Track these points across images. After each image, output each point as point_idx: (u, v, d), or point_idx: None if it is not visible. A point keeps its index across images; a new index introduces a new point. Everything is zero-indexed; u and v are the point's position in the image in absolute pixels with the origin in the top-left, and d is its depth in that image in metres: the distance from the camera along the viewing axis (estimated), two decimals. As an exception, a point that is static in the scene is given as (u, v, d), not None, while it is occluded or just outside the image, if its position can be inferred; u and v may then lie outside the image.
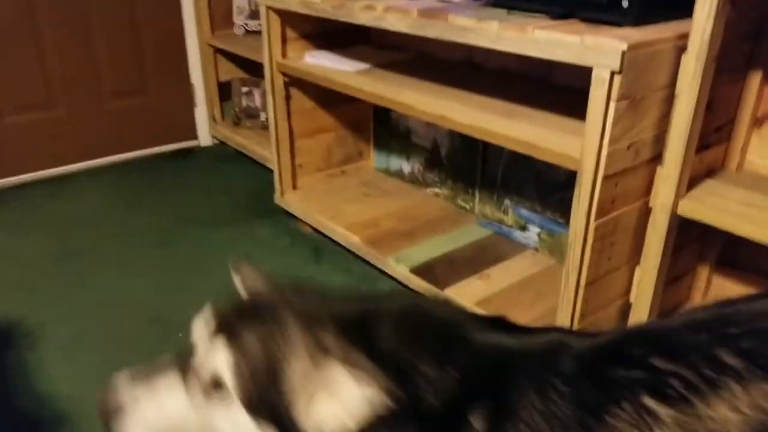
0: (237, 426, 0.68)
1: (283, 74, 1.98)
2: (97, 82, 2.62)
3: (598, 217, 1.22)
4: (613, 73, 1.06)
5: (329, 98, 2.09)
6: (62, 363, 1.53)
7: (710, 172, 1.37)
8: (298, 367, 0.67)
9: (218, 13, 2.82)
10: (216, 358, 0.69)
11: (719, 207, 1.22)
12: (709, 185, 1.32)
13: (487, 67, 1.82)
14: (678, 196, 1.24)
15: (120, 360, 1.52)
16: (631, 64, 1.05)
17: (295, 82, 2.00)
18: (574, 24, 1.20)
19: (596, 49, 1.07)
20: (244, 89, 2.88)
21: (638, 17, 1.15)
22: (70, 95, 2.57)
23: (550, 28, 1.15)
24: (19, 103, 2.48)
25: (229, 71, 2.93)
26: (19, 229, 2.23)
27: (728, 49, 1.16)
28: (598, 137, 1.13)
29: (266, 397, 0.67)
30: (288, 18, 1.90)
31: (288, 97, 2.03)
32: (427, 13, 1.37)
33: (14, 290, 1.84)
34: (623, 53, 1.03)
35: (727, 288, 1.54)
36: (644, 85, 1.13)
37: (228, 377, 0.67)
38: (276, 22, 1.90)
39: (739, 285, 1.52)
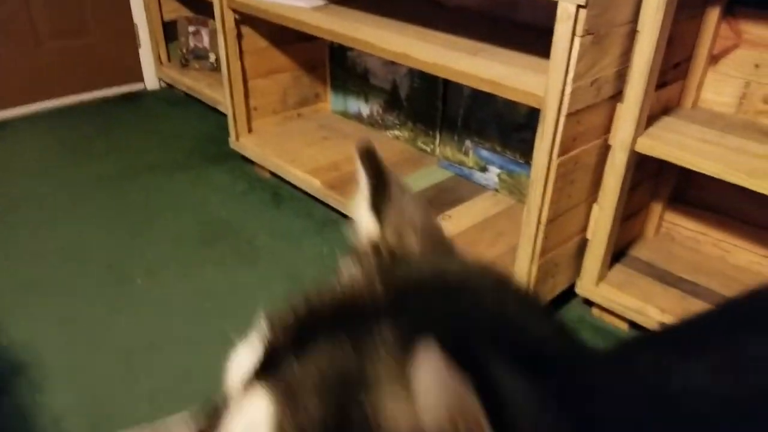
0: None
1: (234, 11, 1.88)
2: (31, 22, 2.44)
3: (560, 154, 1.23)
4: (578, 7, 1.04)
5: (283, 36, 2.01)
6: (14, 312, 1.48)
7: (667, 110, 1.40)
8: None
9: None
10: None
11: (676, 143, 1.25)
12: (666, 122, 1.35)
13: (448, 5, 1.78)
14: (637, 133, 1.26)
15: (79, 305, 1.49)
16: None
17: (247, 19, 1.91)
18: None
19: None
20: (191, 29, 2.73)
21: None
22: (3, 36, 2.38)
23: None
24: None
25: (174, 10, 2.77)
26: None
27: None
28: (562, 74, 1.12)
29: None
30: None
31: (240, 36, 1.94)
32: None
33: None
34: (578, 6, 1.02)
35: (678, 223, 1.60)
36: (608, 20, 1.13)
37: None
38: (224, -46, 1.79)
39: (690, 221, 1.58)
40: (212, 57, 2.69)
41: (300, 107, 2.24)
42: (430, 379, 0.30)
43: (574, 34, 1.08)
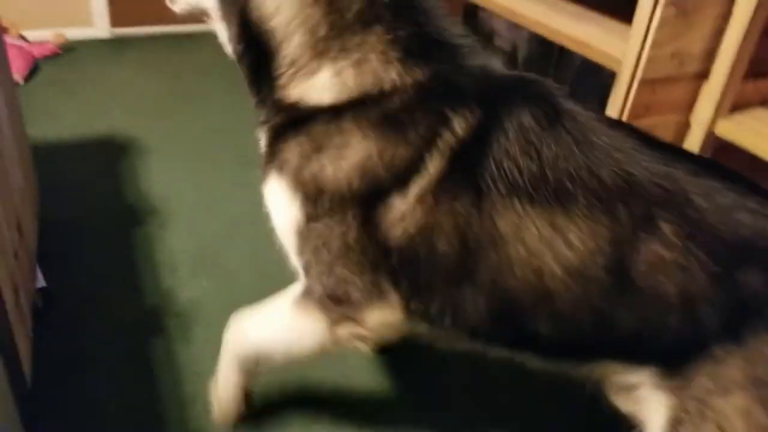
0: None
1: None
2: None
3: (629, 119, 1.30)
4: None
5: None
6: (165, 171, 1.88)
7: (766, 102, 1.39)
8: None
9: None
10: None
11: (761, 133, 1.26)
12: (758, 113, 1.35)
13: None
14: (718, 115, 1.29)
15: (210, 179, 1.84)
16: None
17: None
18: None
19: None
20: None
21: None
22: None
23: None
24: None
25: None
26: (145, 69, 2.60)
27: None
28: (640, 39, 1.20)
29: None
30: None
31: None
32: None
33: (135, 115, 2.21)
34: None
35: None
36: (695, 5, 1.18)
37: None
38: None
39: None
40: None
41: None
42: None
43: (656, 3, 1.15)
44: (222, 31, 0.96)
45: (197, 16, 1.01)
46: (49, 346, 1.26)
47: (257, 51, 0.89)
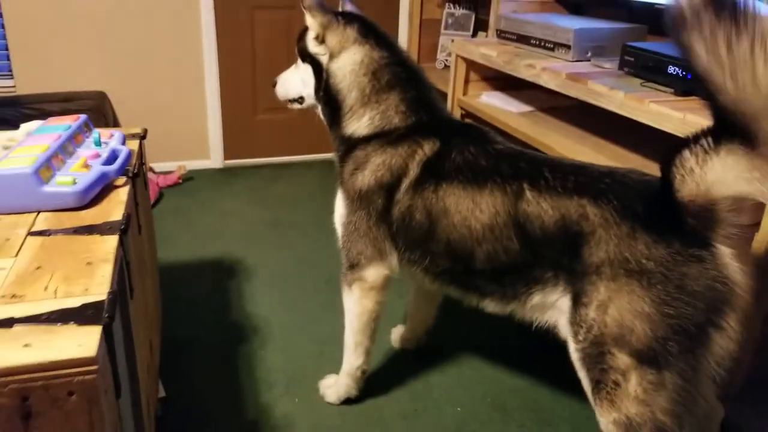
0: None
1: (461, 108, 2.40)
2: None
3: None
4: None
5: (497, 132, 2.46)
6: (265, 292, 2.15)
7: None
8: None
9: (425, 48, 3.36)
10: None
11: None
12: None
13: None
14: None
15: (303, 301, 2.08)
16: (719, 140, 1.27)
17: (470, 114, 2.41)
18: (691, 101, 1.43)
19: (692, 124, 1.31)
20: (436, 113, 3.36)
21: (745, 102, 1.34)
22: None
23: (662, 103, 1.41)
24: (269, 105, 3.27)
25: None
26: (250, 198, 2.98)
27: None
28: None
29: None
30: (472, 64, 2.32)
31: (463, 127, 2.46)
32: (572, 77, 1.69)
33: (240, 239, 2.54)
34: (711, 131, 1.26)
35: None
36: (738, 159, 1.33)
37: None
38: (462, 66, 2.34)
39: None
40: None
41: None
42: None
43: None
44: (314, 102, 1.57)
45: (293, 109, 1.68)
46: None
47: (332, 106, 1.50)
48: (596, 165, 1.28)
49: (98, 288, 0.91)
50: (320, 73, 1.50)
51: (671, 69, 1.49)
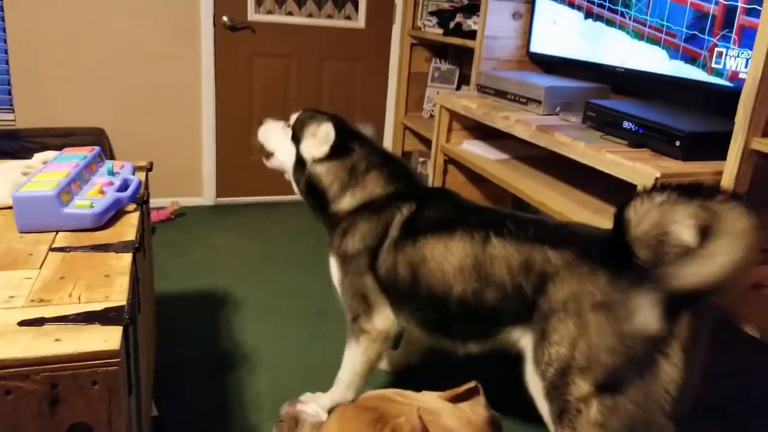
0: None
1: (444, 154, 2.59)
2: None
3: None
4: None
5: (477, 176, 2.64)
6: (254, 323, 2.25)
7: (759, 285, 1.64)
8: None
9: (413, 99, 3.58)
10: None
11: None
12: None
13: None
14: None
15: (292, 331, 2.19)
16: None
17: (452, 161, 2.60)
18: (642, 152, 1.62)
19: (640, 172, 1.49)
20: (421, 159, 3.56)
21: (687, 153, 1.53)
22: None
23: (616, 153, 1.59)
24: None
25: (413, 144, 3.66)
26: (241, 234, 3.11)
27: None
28: (640, 236, 1.52)
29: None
30: (455, 114, 2.52)
31: (445, 171, 2.63)
32: (541, 128, 1.88)
33: (232, 273, 2.65)
34: (656, 179, 1.44)
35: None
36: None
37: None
38: (446, 116, 2.54)
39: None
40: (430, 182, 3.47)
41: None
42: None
43: (649, 209, 1.48)
44: (295, 183, 1.76)
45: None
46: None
47: (314, 193, 1.68)
48: (552, 219, 1.45)
49: (117, 296, 1.03)
50: (302, 165, 1.69)
51: (626, 124, 1.68)
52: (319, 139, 1.64)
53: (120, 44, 3.09)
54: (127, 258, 1.18)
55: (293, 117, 1.75)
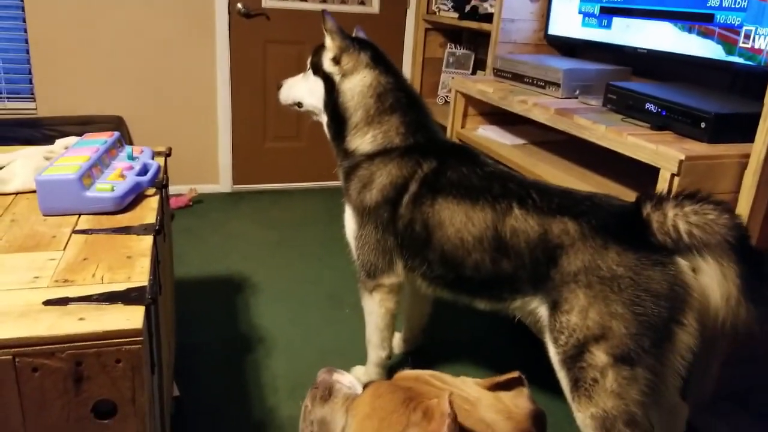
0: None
1: (460, 140, 2.56)
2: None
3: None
4: (673, 175, 1.44)
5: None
6: (270, 307, 2.27)
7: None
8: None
9: (427, 85, 3.56)
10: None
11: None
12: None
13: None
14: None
15: (306, 315, 2.20)
16: (688, 170, 1.42)
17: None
18: (666, 135, 1.59)
19: (664, 155, 1.46)
20: (436, 146, 3.54)
21: (713, 136, 1.50)
22: (312, 132, 3.47)
23: (639, 136, 1.57)
24: (278, 134, 3.45)
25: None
26: (257, 221, 3.12)
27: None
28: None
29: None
30: (470, 99, 2.50)
31: (461, 157, 2.61)
32: (560, 112, 1.85)
33: (248, 259, 2.67)
34: (680, 161, 1.41)
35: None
36: (706, 188, 1.47)
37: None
38: (461, 101, 2.51)
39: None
40: (445, 169, 3.45)
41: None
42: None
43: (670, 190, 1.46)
44: (322, 114, 1.72)
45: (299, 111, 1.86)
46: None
47: (338, 121, 1.65)
48: (579, 190, 1.44)
49: (139, 276, 1.04)
50: (331, 89, 1.66)
51: (648, 106, 1.65)
52: (332, 39, 1.65)
53: (136, 33, 3.10)
54: (147, 240, 1.19)
55: (309, 59, 1.77)
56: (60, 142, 1.66)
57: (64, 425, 0.91)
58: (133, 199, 1.35)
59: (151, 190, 1.42)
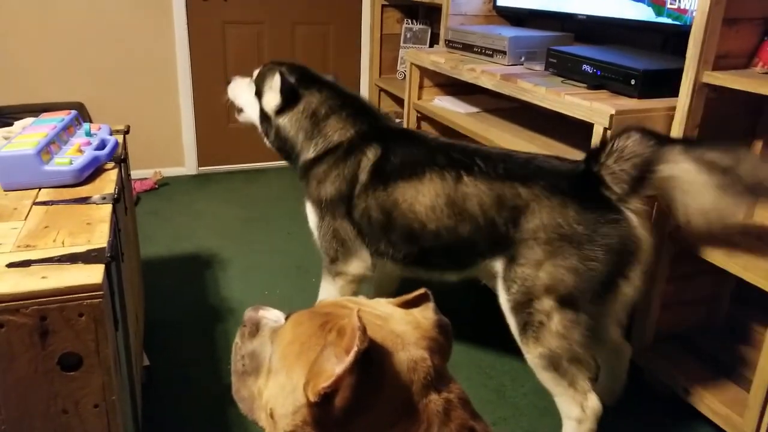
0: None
1: (417, 111, 2.64)
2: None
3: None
4: (605, 129, 1.54)
5: (449, 131, 2.69)
6: (240, 280, 2.33)
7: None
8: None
9: (386, 62, 3.62)
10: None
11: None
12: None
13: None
14: (666, 227, 1.64)
15: (275, 286, 2.26)
16: (619, 123, 1.52)
17: (425, 117, 2.65)
18: (601, 93, 1.69)
19: (597, 111, 1.56)
20: (397, 120, 3.61)
21: (642, 92, 1.60)
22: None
23: (575, 95, 1.66)
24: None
25: (389, 105, 3.70)
26: (223, 200, 3.16)
27: (725, 121, 1.56)
28: (598, 172, 1.59)
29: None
30: (425, 71, 2.57)
31: (418, 128, 2.69)
32: (505, 77, 1.94)
33: (216, 236, 2.72)
34: (611, 116, 1.51)
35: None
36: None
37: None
38: (416, 73, 2.58)
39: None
40: (407, 142, 3.52)
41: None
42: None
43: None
44: (265, 137, 1.80)
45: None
46: (150, 414, 1.63)
47: (284, 145, 1.74)
48: (518, 153, 1.52)
49: (99, 240, 1.10)
50: (267, 119, 1.74)
51: (585, 67, 1.75)
52: (275, 90, 1.69)
53: (93, 17, 3.08)
54: (107, 208, 1.24)
55: (256, 72, 1.79)
56: (18, 123, 1.69)
57: (32, 377, 0.97)
58: (92, 172, 1.40)
59: (110, 164, 1.47)
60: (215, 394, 1.72)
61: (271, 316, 0.85)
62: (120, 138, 1.67)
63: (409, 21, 3.54)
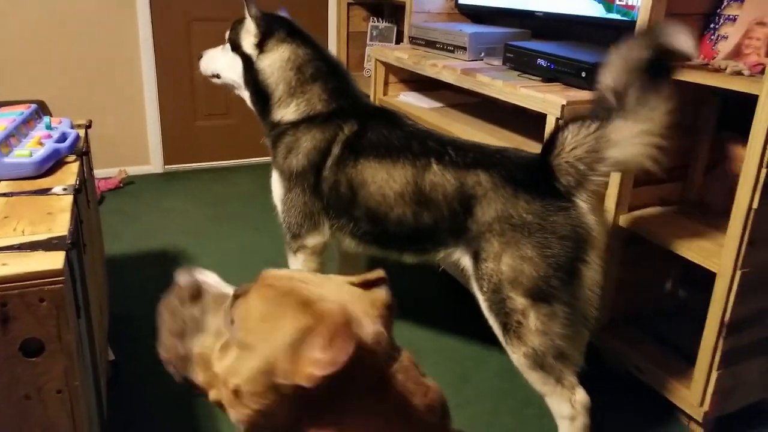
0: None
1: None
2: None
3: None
4: (557, 119, 1.60)
5: (415, 127, 2.75)
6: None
7: (664, 202, 1.81)
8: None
9: (354, 59, 3.65)
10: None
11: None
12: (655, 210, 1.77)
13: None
14: (617, 214, 1.71)
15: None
16: (570, 113, 1.59)
17: (390, 113, 2.70)
18: (554, 86, 1.76)
19: (550, 102, 1.62)
20: (365, 118, 3.65)
21: (593, 84, 1.67)
22: (243, 109, 3.50)
23: (530, 88, 1.72)
24: (208, 112, 3.47)
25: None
26: (191, 198, 3.16)
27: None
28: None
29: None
30: (390, 68, 2.61)
31: (385, 124, 2.73)
32: (465, 72, 1.99)
33: (183, 234, 2.72)
34: (563, 106, 1.58)
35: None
36: (588, 129, 1.64)
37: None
38: (381, 69, 2.63)
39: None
40: (375, 139, 3.56)
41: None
42: None
43: (559, 136, 1.62)
44: (243, 89, 1.78)
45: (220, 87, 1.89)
46: (115, 408, 1.64)
47: (261, 95, 1.71)
48: (491, 145, 1.55)
49: (60, 229, 1.11)
50: (250, 66, 1.71)
51: (539, 61, 1.81)
52: (251, 31, 1.69)
53: (53, 14, 3.05)
54: (68, 199, 1.25)
55: (227, 33, 1.79)
56: (-23, 119, 1.67)
57: (-6, 363, 0.98)
58: (53, 165, 1.40)
59: (72, 157, 1.47)
60: (181, 389, 1.73)
61: (211, 280, 0.88)
62: (82, 132, 1.67)
63: (375, 19, 3.59)
